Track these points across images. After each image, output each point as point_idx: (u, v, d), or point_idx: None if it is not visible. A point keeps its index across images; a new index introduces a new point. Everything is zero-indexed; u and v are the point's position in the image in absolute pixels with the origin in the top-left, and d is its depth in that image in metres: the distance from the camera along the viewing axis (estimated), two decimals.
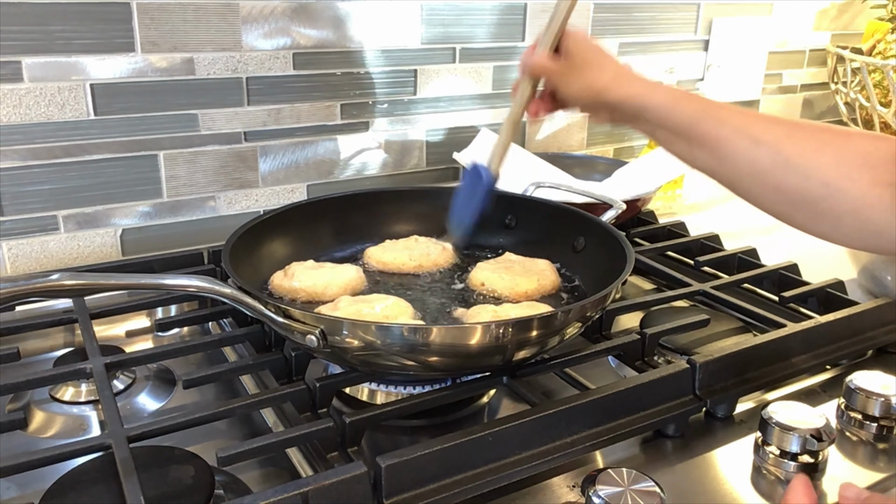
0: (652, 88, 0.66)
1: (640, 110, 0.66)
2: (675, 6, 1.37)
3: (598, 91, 0.68)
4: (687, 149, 0.64)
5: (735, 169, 0.61)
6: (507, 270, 0.83)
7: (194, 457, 0.61)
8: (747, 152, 0.60)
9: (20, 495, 0.62)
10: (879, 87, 1.44)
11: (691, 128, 0.63)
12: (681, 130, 0.64)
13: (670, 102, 0.64)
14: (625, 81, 0.67)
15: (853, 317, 0.81)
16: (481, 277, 0.84)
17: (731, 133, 0.60)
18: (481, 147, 1.18)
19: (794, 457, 0.63)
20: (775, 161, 0.58)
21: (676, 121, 0.64)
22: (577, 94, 0.70)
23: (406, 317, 0.74)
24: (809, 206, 0.58)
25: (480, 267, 0.86)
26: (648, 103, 0.65)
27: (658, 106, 0.65)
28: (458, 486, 0.58)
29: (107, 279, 0.62)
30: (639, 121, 0.67)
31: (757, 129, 0.60)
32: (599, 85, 0.68)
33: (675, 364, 0.71)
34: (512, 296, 0.81)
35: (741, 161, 0.60)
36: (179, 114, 1.00)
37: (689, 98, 0.64)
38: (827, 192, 0.56)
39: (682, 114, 0.63)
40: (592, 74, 0.69)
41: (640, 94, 0.66)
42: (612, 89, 0.67)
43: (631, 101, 0.66)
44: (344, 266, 0.85)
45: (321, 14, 1.05)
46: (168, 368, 0.81)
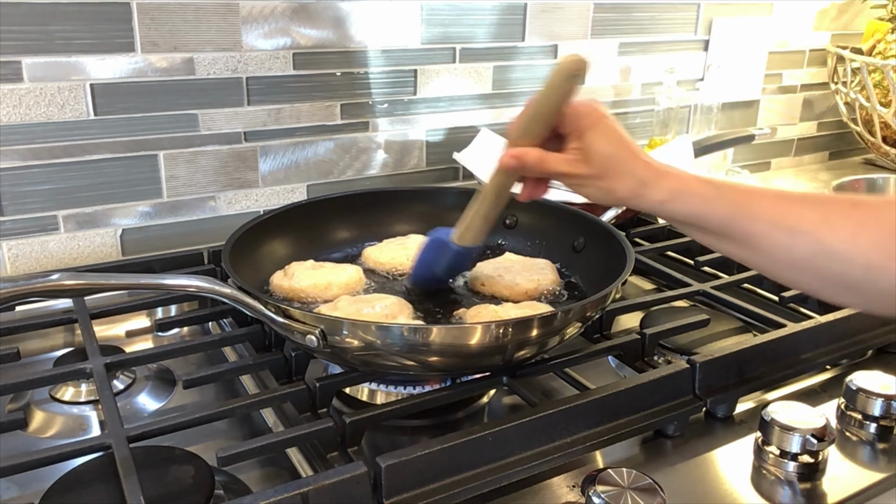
0: (681, 193, 0.61)
1: (669, 217, 0.63)
2: (675, 6, 1.37)
3: (620, 200, 0.64)
4: (723, 245, 0.62)
5: (773, 261, 0.59)
6: (508, 270, 0.83)
7: (194, 457, 0.61)
8: (785, 245, 0.58)
9: (20, 495, 0.62)
10: (879, 87, 1.44)
11: (725, 228, 0.60)
12: (714, 231, 0.61)
13: (700, 206, 0.61)
14: (649, 189, 0.62)
15: (853, 317, 0.81)
16: (481, 278, 0.84)
17: (767, 228, 0.58)
18: (481, 147, 1.18)
19: (794, 457, 0.63)
20: (816, 251, 0.57)
21: (709, 223, 0.61)
22: (595, 198, 0.66)
23: (406, 317, 0.74)
24: (853, 289, 0.57)
25: (480, 267, 0.86)
26: (679, 212, 0.62)
27: (689, 213, 0.61)
28: (458, 486, 0.58)
29: (107, 279, 0.62)
30: (667, 219, 0.65)
31: (792, 220, 0.58)
32: (621, 195, 0.63)
33: (675, 364, 0.71)
34: (512, 295, 0.81)
35: (779, 254, 0.58)
36: (179, 114, 1.00)
37: (720, 196, 0.61)
38: (869, 274, 0.55)
39: (713, 216, 0.60)
40: (613, 182, 0.63)
41: (669, 200, 0.62)
42: (637, 198, 0.63)
43: (658, 209, 0.63)
44: (344, 266, 0.85)
45: (321, 14, 1.05)
46: (168, 368, 0.81)
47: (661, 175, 0.62)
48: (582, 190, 0.66)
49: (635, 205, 0.64)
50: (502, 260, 0.87)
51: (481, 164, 1.14)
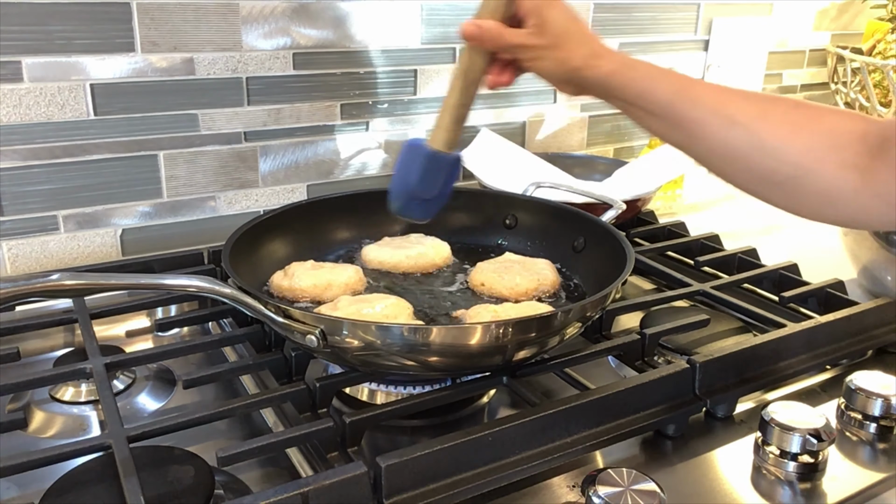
0: (628, 66, 0.64)
1: (615, 90, 0.64)
2: (675, 6, 1.37)
3: (573, 69, 0.65)
4: (662, 127, 0.64)
5: (709, 149, 0.61)
6: (508, 270, 0.83)
7: (194, 457, 0.61)
8: (721, 134, 0.60)
9: (20, 495, 0.62)
10: (879, 87, 1.44)
11: (666, 109, 0.62)
12: (656, 111, 0.63)
13: (646, 81, 0.63)
14: (601, 59, 0.64)
15: (853, 317, 0.81)
16: (481, 277, 0.84)
17: (706, 114, 0.60)
18: (481, 147, 1.18)
19: (794, 457, 0.63)
20: (749, 143, 0.59)
21: (652, 100, 0.63)
22: (549, 70, 0.66)
23: (405, 317, 0.74)
24: (780, 186, 0.59)
25: (480, 267, 0.86)
26: (625, 83, 0.63)
27: (634, 88, 0.63)
28: (458, 486, 0.58)
29: (107, 279, 0.62)
30: (611, 98, 0.66)
31: (731, 109, 0.60)
32: (574, 63, 0.64)
33: (675, 364, 0.71)
34: (512, 295, 0.81)
35: (715, 142, 0.60)
36: (179, 114, 1.00)
37: (664, 76, 0.63)
38: (797, 174, 0.57)
39: (657, 94, 0.62)
40: (567, 51, 0.64)
41: (615, 72, 0.64)
42: (589, 68, 0.64)
43: (607, 80, 0.64)
44: (344, 266, 0.85)
45: (321, 14, 1.05)
46: (168, 368, 0.81)
47: (610, 50, 0.65)
48: (538, 63, 0.66)
49: (585, 76, 0.64)
50: (502, 260, 0.87)
51: (481, 164, 1.14)
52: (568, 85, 0.67)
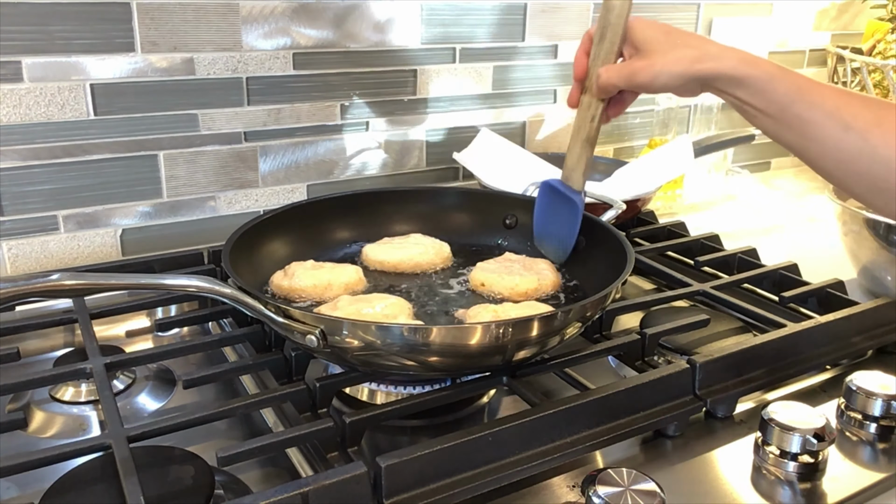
0: (747, 63, 0.64)
1: (734, 85, 0.64)
2: (675, 6, 1.37)
3: (689, 69, 0.65)
4: (775, 128, 0.64)
5: (822, 152, 0.61)
6: (507, 270, 0.83)
7: (194, 457, 0.61)
8: (835, 138, 0.60)
9: (20, 495, 0.62)
10: (879, 87, 1.44)
11: (783, 109, 0.62)
12: (772, 111, 0.63)
13: (766, 79, 0.63)
14: (716, 54, 0.65)
15: (853, 317, 0.81)
16: (481, 278, 0.84)
17: (822, 117, 0.60)
18: (481, 147, 1.18)
19: (794, 457, 0.63)
20: (862, 149, 0.59)
21: (770, 100, 0.62)
22: (666, 81, 0.67)
23: (405, 317, 0.74)
24: (889, 194, 0.59)
25: (480, 267, 0.86)
26: (744, 78, 0.63)
27: (754, 81, 0.63)
28: (458, 486, 0.58)
29: (107, 279, 0.62)
30: (728, 95, 0.66)
31: (847, 114, 0.60)
32: (686, 62, 0.65)
33: (675, 364, 0.71)
34: (512, 296, 0.81)
35: (828, 146, 0.60)
36: (179, 114, 1.00)
37: (784, 75, 0.63)
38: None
39: (776, 93, 0.62)
40: (678, 56, 0.66)
41: (735, 67, 0.64)
42: (703, 63, 0.65)
43: (725, 75, 0.64)
44: (344, 266, 0.85)
45: (321, 14, 1.05)
46: (168, 368, 0.81)
47: (726, 48, 0.65)
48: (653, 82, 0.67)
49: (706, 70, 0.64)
50: (502, 260, 0.87)
51: (481, 164, 1.14)
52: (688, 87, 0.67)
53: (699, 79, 0.66)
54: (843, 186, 0.63)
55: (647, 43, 0.69)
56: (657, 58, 0.67)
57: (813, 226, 1.28)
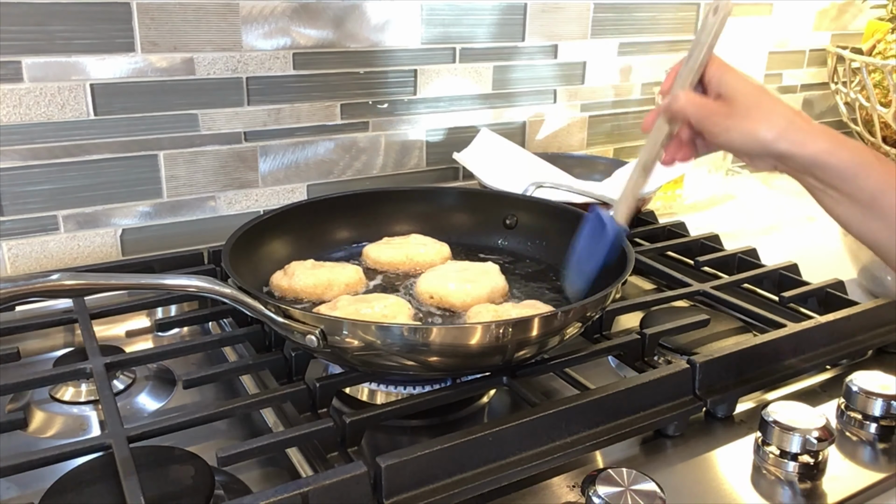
0: (837, 146, 0.58)
1: (819, 169, 0.59)
2: (675, 6, 1.37)
3: (769, 142, 0.59)
4: (861, 219, 0.59)
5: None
6: (454, 279, 0.80)
7: (194, 457, 0.61)
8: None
9: (20, 495, 0.62)
10: (879, 87, 1.44)
11: (876, 199, 0.57)
12: (861, 200, 0.58)
13: (856, 167, 0.58)
14: (802, 134, 0.59)
15: (853, 317, 0.81)
16: (428, 289, 0.80)
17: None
18: (481, 147, 1.18)
19: (794, 457, 0.63)
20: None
21: (860, 187, 0.58)
22: (740, 143, 0.61)
23: (405, 317, 0.74)
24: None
25: (425, 278, 0.82)
26: (832, 165, 0.58)
27: (842, 170, 0.58)
28: (458, 486, 0.58)
29: (107, 279, 0.62)
30: (809, 177, 0.60)
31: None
32: (771, 136, 0.59)
33: (675, 364, 0.71)
34: (465, 305, 0.78)
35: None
36: (179, 114, 1.00)
37: (876, 161, 0.58)
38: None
39: (865, 182, 0.57)
40: (760, 122, 0.60)
41: (822, 152, 0.58)
42: (788, 141, 0.59)
43: (810, 158, 0.59)
44: (344, 266, 0.85)
45: (321, 14, 1.05)
46: (168, 368, 0.81)
47: (810, 123, 0.60)
48: (726, 135, 0.61)
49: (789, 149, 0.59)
50: (444, 268, 0.84)
51: (481, 164, 1.14)
52: (763, 160, 0.62)
53: (778, 154, 0.60)
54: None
55: (732, 98, 0.62)
56: (738, 117, 0.61)
57: (813, 226, 1.28)
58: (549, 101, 1.31)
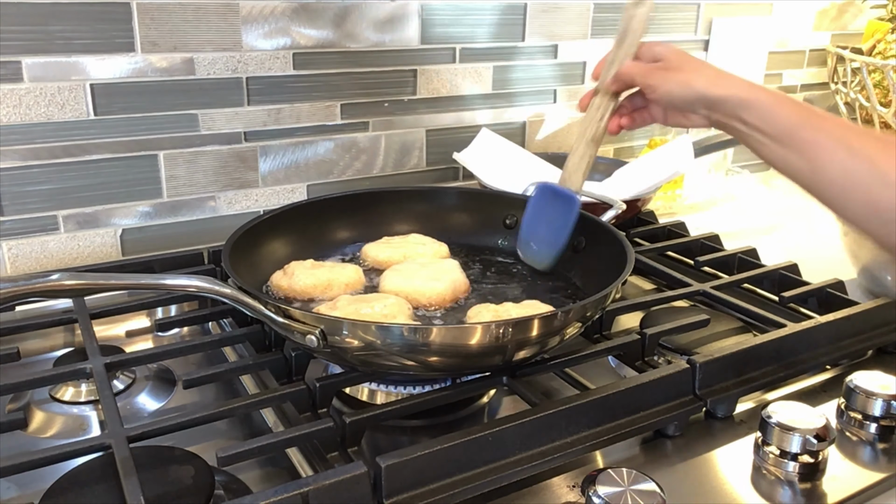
0: (755, 87, 0.66)
1: (742, 108, 0.66)
2: (675, 6, 1.37)
3: (699, 88, 0.68)
4: (781, 154, 0.64)
5: (829, 179, 0.61)
6: (416, 276, 0.80)
7: (194, 457, 0.61)
8: (844, 163, 0.60)
9: (20, 495, 0.62)
10: (879, 87, 1.44)
11: (790, 132, 0.63)
12: (779, 134, 0.64)
13: (772, 103, 0.64)
14: (726, 80, 0.68)
15: (853, 317, 0.81)
16: (392, 287, 0.80)
17: (829, 141, 0.60)
18: (481, 147, 1.18)
19: (795, 457, 0.63)
20: (870, 174, 0.58)
21: (776, 123, 0.64)
22: (677, 91, 0.70)
23: (404, 317, 0.74)
24: (894, 224, 0.58)
25: (387, 277, 0.81)
26: (752, 101, 0.65)
27: (761, 105, 0.65)
28: (458, 486, 0.58)
29: (107, 279, 0.62)
30: (735, 121, 0.67)
31: (854, 140, 0.60)
32: (701, 83, 0.68)
33: (675, 364, 0.71)
34: (431, 303, 0.78)
35: (836, 171, 0.60)
36: (179, 114, 1.00)
37: (789, 101, 0.64)
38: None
39: (781, 116, 0.63)
40: (692, 73, 0.69)
41: (743, 90, 0.66)
42: (715, 86, 0.67)
43: (734, 97, 0.66)
44: (343, 265, 0.85)
45: (321, 14, 1.05)
46: (168, 368, 0.81)
47: (731, 74, 0.69)
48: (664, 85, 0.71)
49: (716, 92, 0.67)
50: (403, 267, 0.84)
51: (481, 163, 1.14)
52: (693, 109, 0.70)
53: (708, 99, 0.68)
54: (847, 215, 0.62)
55: (666, 59, 0.72)
56: (674, 70, 0.70)
57: (813, 226, 1.28)
58: (549, 101, 1.31)
